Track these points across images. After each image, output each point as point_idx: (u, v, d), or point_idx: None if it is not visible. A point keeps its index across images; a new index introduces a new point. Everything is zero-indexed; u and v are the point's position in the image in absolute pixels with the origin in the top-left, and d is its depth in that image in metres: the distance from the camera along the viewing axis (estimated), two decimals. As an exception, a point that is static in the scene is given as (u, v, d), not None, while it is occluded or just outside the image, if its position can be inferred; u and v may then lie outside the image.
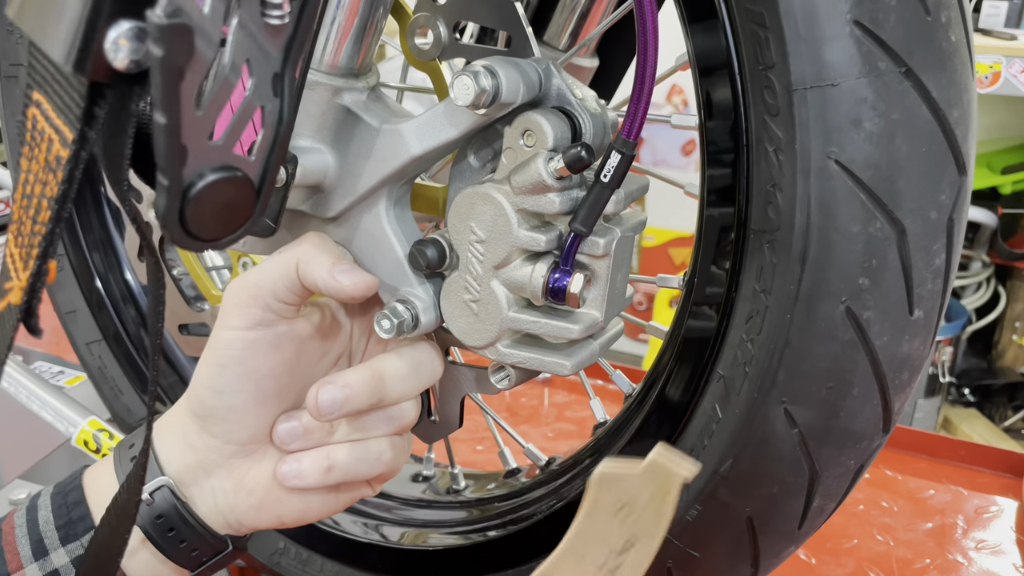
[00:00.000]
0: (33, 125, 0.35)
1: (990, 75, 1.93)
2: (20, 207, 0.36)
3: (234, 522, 0.53)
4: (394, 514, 0.78)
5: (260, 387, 0.50)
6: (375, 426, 0.52)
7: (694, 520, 0.53)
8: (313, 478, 0.51)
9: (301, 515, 0.53)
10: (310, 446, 0.52)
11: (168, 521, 0.51)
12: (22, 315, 0.36)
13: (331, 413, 0.49)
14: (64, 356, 1.28)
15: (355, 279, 0.48)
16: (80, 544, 0.51)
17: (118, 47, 0.30)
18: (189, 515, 0.52)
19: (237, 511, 0.52)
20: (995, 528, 0.94)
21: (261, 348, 0.50)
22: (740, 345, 0.49)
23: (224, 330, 0.49)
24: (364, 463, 0.52)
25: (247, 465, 0.52)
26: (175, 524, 0.52)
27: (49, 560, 0.51)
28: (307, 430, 0.51)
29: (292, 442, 0.51)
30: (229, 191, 0.36)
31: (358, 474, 0.52)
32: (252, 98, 0.36)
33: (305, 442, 0.52)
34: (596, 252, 0.47)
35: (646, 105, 0.43)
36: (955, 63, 0.42)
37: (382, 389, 0.50)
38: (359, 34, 0.48)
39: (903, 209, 0.43)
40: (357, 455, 0.52)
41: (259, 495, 0.52)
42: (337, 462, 0.51)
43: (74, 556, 0.51)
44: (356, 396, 0.49)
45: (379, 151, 0.48)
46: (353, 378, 0.49)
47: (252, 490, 0.52)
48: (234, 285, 0.50)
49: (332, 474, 0.51)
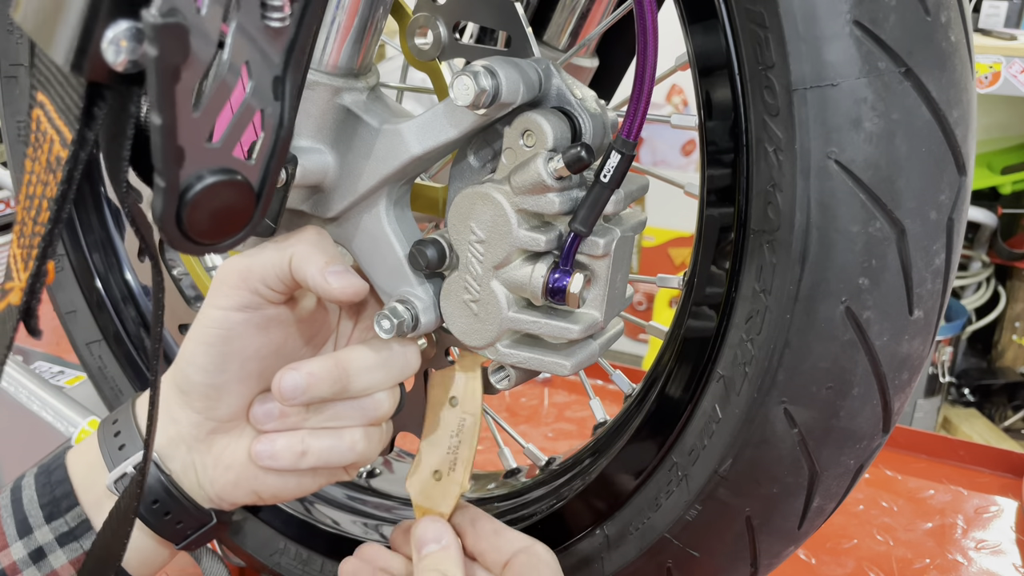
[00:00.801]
0: (37, 126, 0.35)
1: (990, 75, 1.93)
2: (23, 208, 0.36)
3: (214, 496, 0.54)
4: (394, 514, 0.78)
5: (244, 367, 0.51)
6: (348, 415, 0.53)
7: (694, 520, 0.53)
8: (286, 461, 0.52)
9: (277, 492, 0.54)
10: (285, 428, 0.52)
11: (153, 493, 0.52)
12: (21, 315, 0.36)
13: (293, 399, 0.49)
14: (64, 356, 1.28)
15: (344, 282, 0.48)
16: (64, 521, 0.52)
17: (116, 47, 0.30)
18: (174, 488, 0.53)
19: (216, 485, 0.53)
20: (995, 528, 0.94)
21: (247, 329, 0.50)
22: (740, 345, 0.49)
23: (211, 308, 0.50)
24: (337, 452, 0.53)
25: (225, 441, 0.53)
26: (160, 496, 0.53)
27: (33, 537, 0.52)
28: (283, 412, 0.52)
29: (268, 423, 0.52)
30: (228, 194, 0.36)
31: (331, 462, 0.53)
32: (251, 101, 0.36)
33: (280, 424, 0.52)
34: (596, 252, 0.47)
35: (646, 105, 0.43)
36: (955, 63, 0.42)
37: (345, 379, 0.50)
38: (359, 34, 0.48)
39: (903, 209, 0.43)
40: (330, 443, 0.52)
41: (236, 471, 0.53)
42: (311, 448, 0.52)
43: (58, 533, 0.52)
44: (318, 384, 0.49)
45: (379, 151, 0.48)
46: (317, 367, 0.50)
47: (229, 466, 0.53)
48: (226, 265, 0.50)
49: (305, 459, 0.52)
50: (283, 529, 0.77)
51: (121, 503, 0.49)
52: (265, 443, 0.52)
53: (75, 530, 0.52)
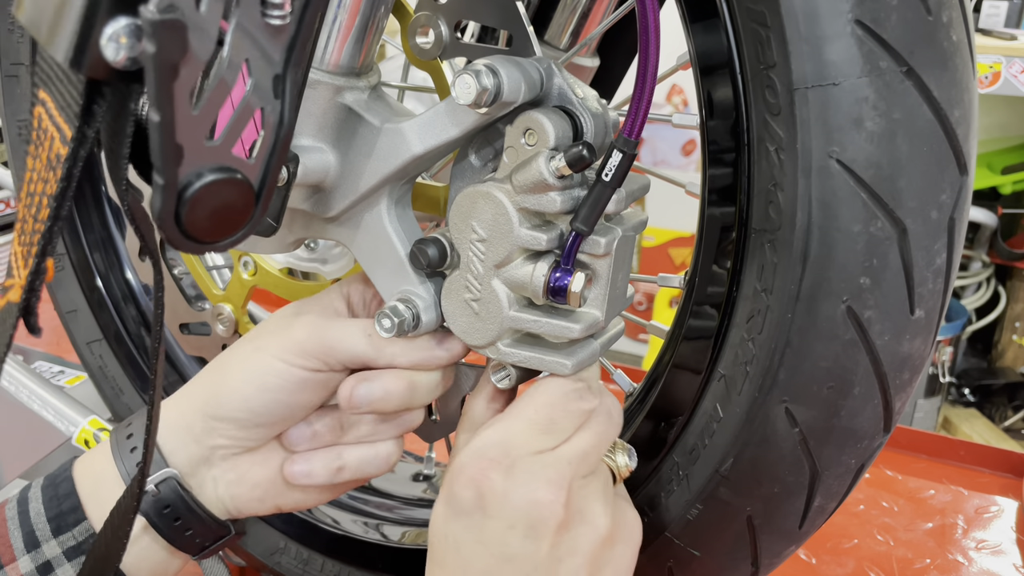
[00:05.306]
0: (39, 123, 0.35)
1: (990, 75, 1.93)
2: (24, 205, 0.36)
3: (234, 509, 0.55)
4: (395, 513, 0.78)
5: (292, 414, 0.53)
6: (386, 430, 0.54)
7: (695, 519, 0.53)
8: (323, 477, 0.53)
9: (299, 504, 0.56)
10: (317, 447, 0.54)
11: (175, 511, 0.53)
12: (21, 312, 0.36)
13: (359, 408, 0.51)
14: (65, 356, 1.28)
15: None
16: (72, 535, 0.52)
17: (115, 44, 0.30)
18: (195, 504, 0.53)
19: (238, 500, 0.54)
20: (995, 528, 0.94)
21: (309, 385, 0.52)
22: (741, 344, 0.49)
23: (278, 361, 0.51)
24: (372, 464, 0.54)
25: (252, 461, 0.54)
26: (181, 513, 0.53)
27: (41, 551, 0.52)
28: (316, 433, 0.54)
29: (301, 445, 0.54)
30: (227, 193, 0.36)
31: (365, 474, 0.54)
32: (251, 99, 0.35)
33: (313, 444, 0.54)
34: (597, 251, 0.47)
35: (648, 104, 0.43)
36: (956, 63, 0.42)
37: (411, 398, 0.52)
38: (360, 33, 0.48)
39: (904, 208, 0.42)
40: (367, 457, 0.54)
41: (263, 488, 0.54)
42: (348, 463, 0.54)
43: (66, 547, 0.52)
44: (389, 399, 0.51)
45: (381, 150, 0.48)
46: (391, 384, 0.51)
47: (256, 483, 0.54)
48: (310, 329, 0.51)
49: (342, 474, 0.54)
50: (283, 528, 0.77)
51: (121, 503, 0.49)
52: (301, 463, 0.53)
53: (82, 544, 0.52)
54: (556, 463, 0.46)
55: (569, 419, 0.48)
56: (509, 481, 0.46)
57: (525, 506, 0.45)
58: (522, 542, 0.45)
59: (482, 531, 0.46)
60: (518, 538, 0.45)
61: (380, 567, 0.74)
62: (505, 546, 0.45)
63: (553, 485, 0.45)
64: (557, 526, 0.45)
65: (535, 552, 0.45)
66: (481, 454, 0.47)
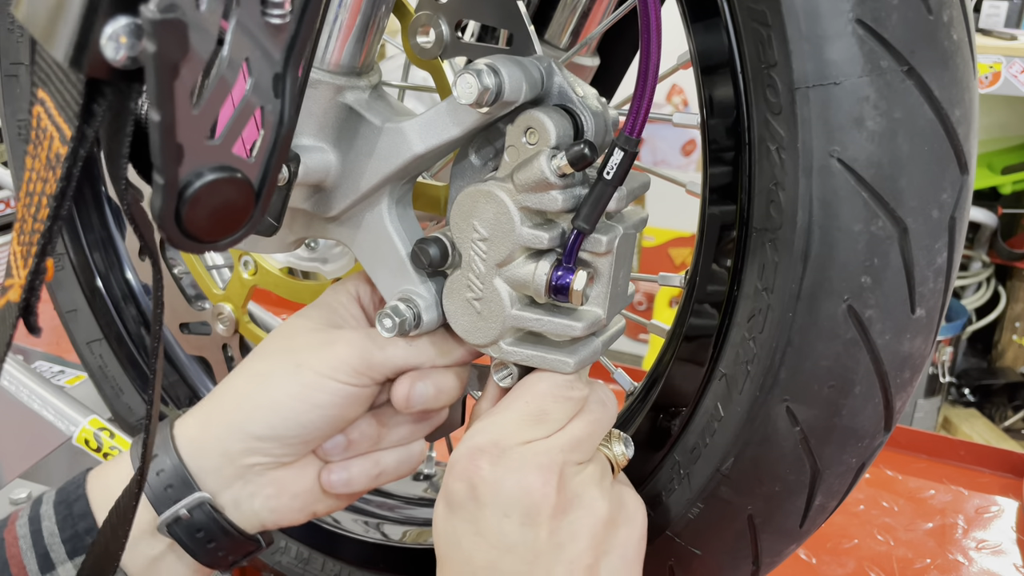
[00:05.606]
0: (38, 123, 0.35)
1: (990, 75, 1.93)
2: (23, 205, 0.36)
3: (271, 523, 0.55)
4: (396, 513, 0.78)
5: (337, 428, 0.53)
6: (422, 429, 0.56)
7: (696, 518, 0.53)
8: (363, 484, 0.55)
9: (331, 509, 0.57)
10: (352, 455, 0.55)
11: (208, 535, 0.53)
12: (21, 312, 0.36)
13: (414, 407, 0.52)
14: (65, 356, 1.28)
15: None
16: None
17: (115, 43, 0.30)
18: (229, 525, 0.53)
19: (277, 513, 0.55)
20: (995, 528, 0.94)
21: (357, 401, 0.52)
22: (742, 343, 0.49)
23: (327, 379, 0.51)
24: (407, 465, 0.56)
25: (290, 474, 0.54)
26: (215, 536, 0.53)
27: (56, 574, 0.51)
28: (351, 442, 0.54)
29: (337, 455, 0.54)
30: (227, 192, 0.36)
31: (400, 475, 0.56)
32: (251, 98, 0.35)
33: (348, 453, 0.54)
34: (599, 249, 0.47)
35: (649, 102, 0.43)
36: (957, 62, 0.42)
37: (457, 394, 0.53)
38: (361, 33, 0.48)
39: (905, 208, 0.42)
40: (402, 458, 0.56)
41: (302, 499, 0.55)
42: (386, 467, 0.55)
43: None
44: (441, 397, 0.52)
45: (381, 150, 0.48)
46: (444, 381, 0.52)
47: (296, 495, 0.54)
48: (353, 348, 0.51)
49: (380, 479, 0.55)
50: (284, 528, 0.77)
51: (121, 502, 0.49)
52: (339, 471, 0.54)
53: None
54: (548, 451, 0.47)
55: (561, 409, 0.48)
56: (499, 469, 0.46)
57: (517, 492, 0.45)
58: (519, 530, 0.45)
59: (478, 522, 0.46)
60: (514, 526, 0.45)
61: (381, 566, 0.74)
62: (503, 535, 0.45)
63: (544, 470, 0.46)
64: (552, 511, 0.45)
65: (534, 539, 0.45)
66: (473, 447, 0.47)
